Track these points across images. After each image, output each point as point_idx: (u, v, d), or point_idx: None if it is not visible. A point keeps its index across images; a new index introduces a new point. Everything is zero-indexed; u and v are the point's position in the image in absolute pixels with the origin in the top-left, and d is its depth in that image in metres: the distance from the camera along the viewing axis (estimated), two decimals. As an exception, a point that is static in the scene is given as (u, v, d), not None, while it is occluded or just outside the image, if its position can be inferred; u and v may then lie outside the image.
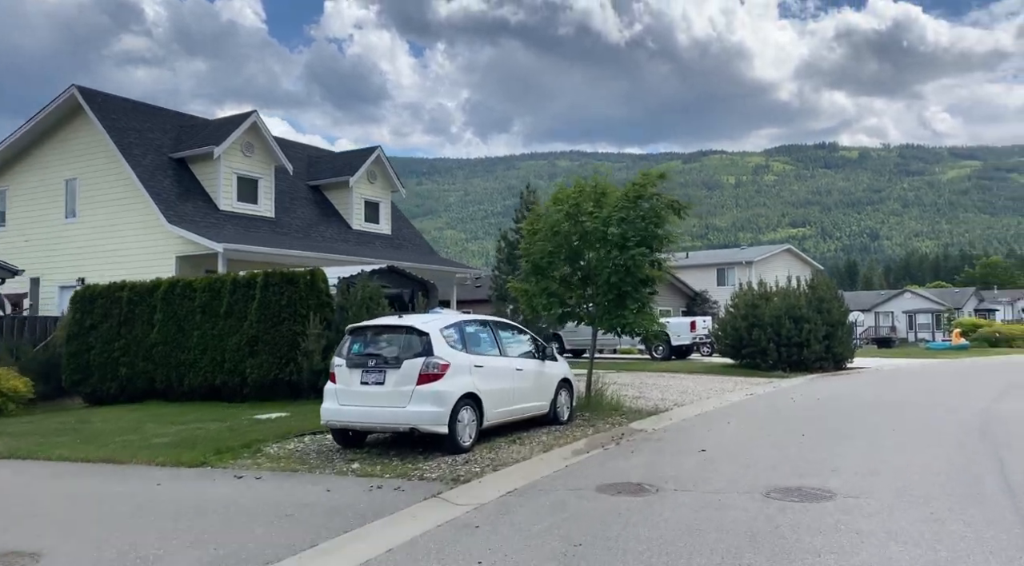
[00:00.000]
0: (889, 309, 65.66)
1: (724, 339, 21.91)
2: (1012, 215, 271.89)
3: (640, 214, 11.86)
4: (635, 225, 11.72)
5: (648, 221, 11.82)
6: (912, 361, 26.97)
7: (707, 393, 15.54)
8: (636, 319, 11.81)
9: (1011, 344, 39.93)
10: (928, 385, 17.31)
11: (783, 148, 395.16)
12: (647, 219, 11.82)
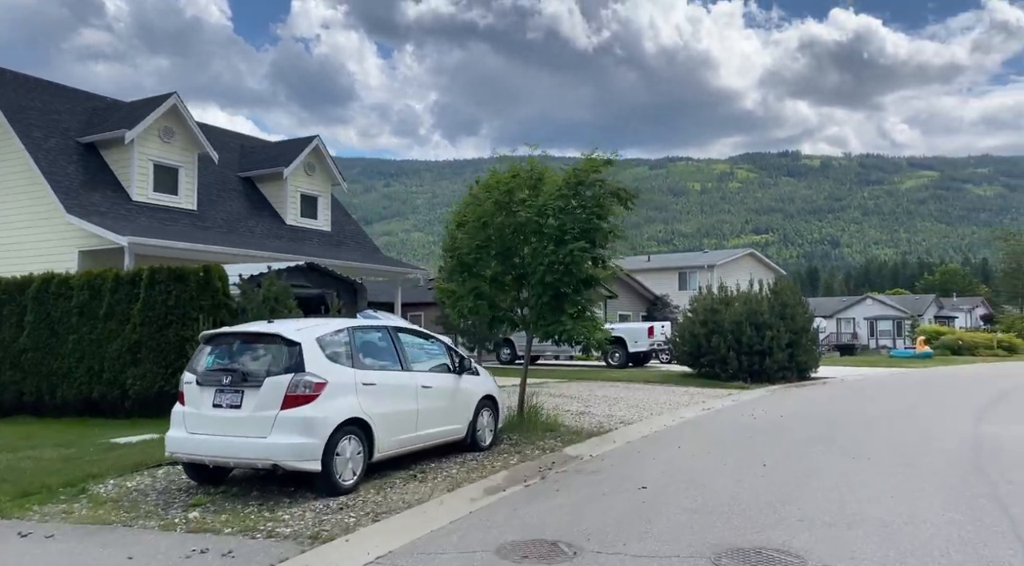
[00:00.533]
0: (851, 315, 65.17)
1: (682, 346, 20.40)
2: (967, 224, 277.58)
3: (581, 204, 10.21)
4: (575, 216, 10.06)
5: (590, 212, 10.16)
6: (878, 370, 25.78)
7: (660, 407, 13.94)
8: (575, 325, 10.13)
9: (974, 352, 39.22)
10: (900, 400, 15.93)
11: (747, 156, 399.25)
12: (589, 209, 10.17)
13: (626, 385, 18.47)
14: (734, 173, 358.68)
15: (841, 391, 17.88)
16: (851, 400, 15.77)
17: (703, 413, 13.45)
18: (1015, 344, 42.33)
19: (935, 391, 17.76)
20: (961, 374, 24.56)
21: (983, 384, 19.78)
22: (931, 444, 9.57)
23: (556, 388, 17.19)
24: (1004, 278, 69.11)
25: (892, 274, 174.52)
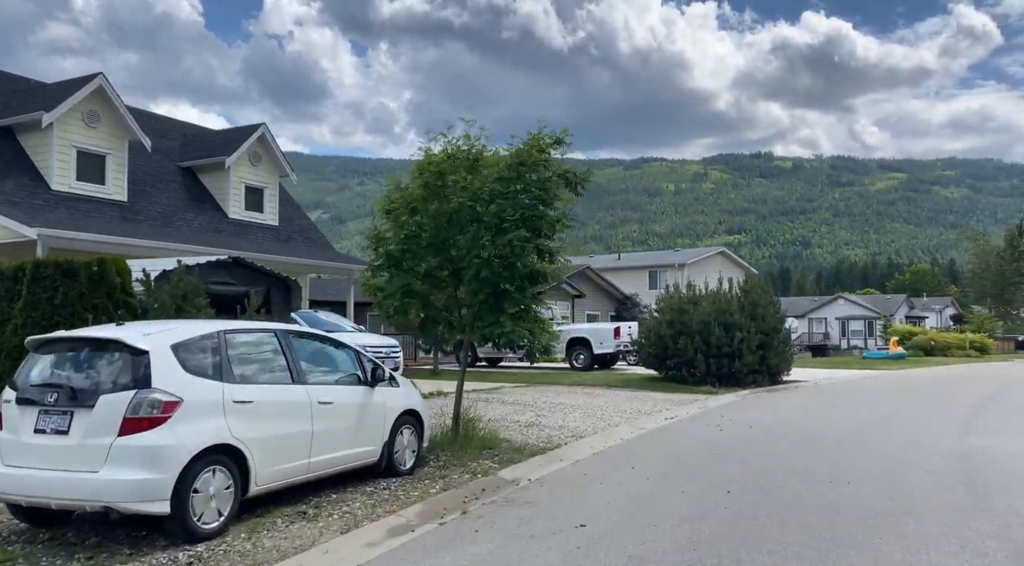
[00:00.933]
0: (822, 315, 64.73)
1: (648, 348, 19.19)
2: (935, 226, 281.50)
3: (524, 188, 8.89)
4: (516, 201, 8.74)
5: (534, 197, 8.85)
6: (851, 372, 24.82)
7: (620, 416, 12.68)
8: (515, 327, 8.77)
9: (946, 353, 38.62)
10: (877, 407, 14.84)
11: (721, 157, 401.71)
12: (532, 194, 8.85)
13: (587, 390, 17.22)
14: (708, 174, 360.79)
15: (814, 397, 16.78)
16: (825, 408, 14.65)
17: (666, 423, 12.21)
18: (986, 344, 41.85)
19: (913, 397, 16.73)
20: (937, 377, 23.67)
21: (962, 388, 18.84)
22: (917, 464, 8.39)
23: (511, 394, 15.88)
24: (973, 278, 69.15)
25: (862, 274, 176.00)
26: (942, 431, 10.96)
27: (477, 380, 19.79)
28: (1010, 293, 64.86)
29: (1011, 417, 12.91)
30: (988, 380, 22.18)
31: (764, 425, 11.84)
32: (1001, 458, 8.68)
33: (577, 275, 32.48)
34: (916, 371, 26.76)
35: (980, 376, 24.24)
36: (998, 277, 64.33)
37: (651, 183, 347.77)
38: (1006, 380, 22.26)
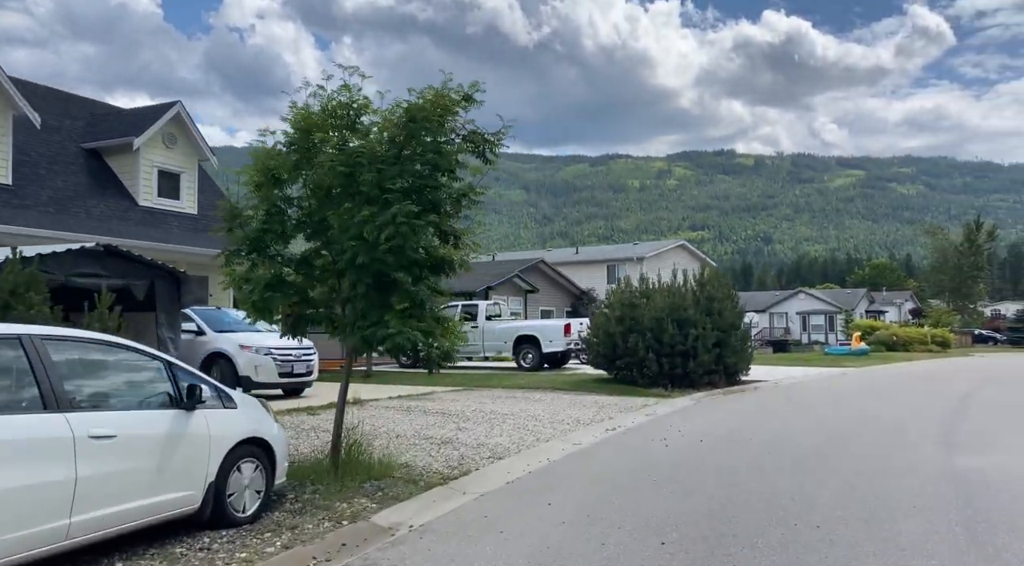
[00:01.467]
0: (783, 310, 63.99)
1: (596, 346, 17.49)
2: (892, 222, 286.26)
3: (417, 151, 7.04)
4: (405, 168, 6.90)
5: (428, 163, 7.01)
6: (814, 371, 23.41)
7: (555, 428, 10.92)
8: (404, 328, 6.89)
9: (908, 348, 37.71)
10: (844, 413, 13.29)
11: (684, 154, 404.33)
12: (427, 159, 7.01)
13: (528, 394, 15.45)
14: (672, 171, 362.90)
15: (775, 400, 15.22)
16: (787, 414, 13.06)
17: (605, 436, 10.47)
18: (948, 339, 41.12)
19: (883, 399, 15.25)
20: (905, 375, 22.39)
21: (933, 387, 17.47)
22: (901, 494, 6.74)
23: (439, 401, 14.05)
24: (932, 272, 69.06)
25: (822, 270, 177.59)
26: (923, 443, 9.38)
27: (410, 383, 17.95)
28: (967, 287, 64.83)
29: (995, 424, 11.44)
30: (957, 377, 20.96)
31: (717, 437, 10.17)
32: (998, 484, 7.09)
33: (530, 269, 30.75)
34: (881, 368, 25.52)
35: (948, 373, 23.06)
36: (956, 271, 64.23)
37: (616, 180, 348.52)
38: (975, 377, 21.05)
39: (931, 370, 24.58)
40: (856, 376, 21.49)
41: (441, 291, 7.80)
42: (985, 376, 21.35)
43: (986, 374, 22.44)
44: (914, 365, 27.44)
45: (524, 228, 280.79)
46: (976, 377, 21.09)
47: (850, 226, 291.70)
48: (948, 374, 22.34)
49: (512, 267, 29.60)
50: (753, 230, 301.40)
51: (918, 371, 23.98)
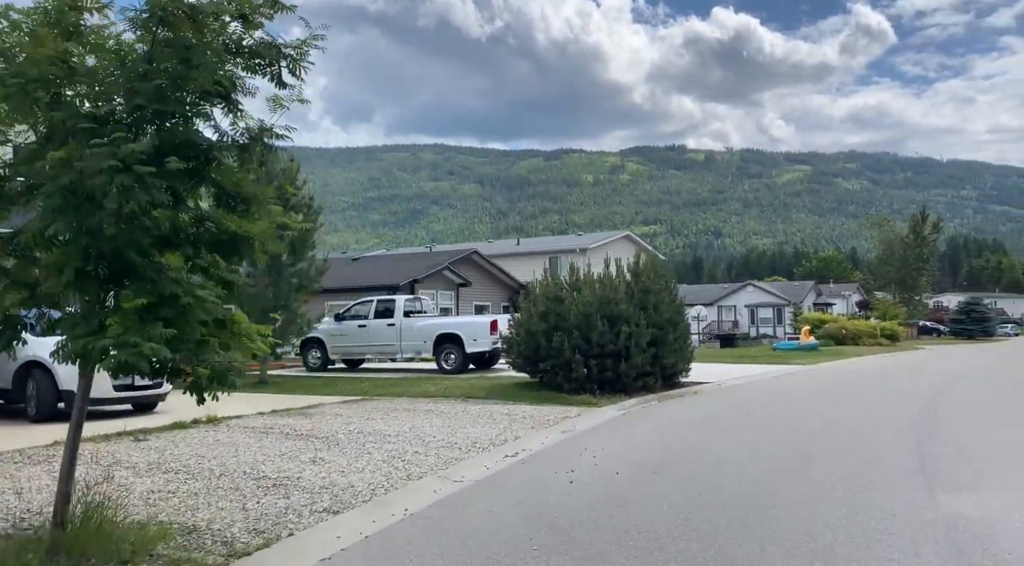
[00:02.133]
0: (732, 303, 62.82)
1: (518, 346, 15.17)
2: (837, 216, 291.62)
3: (164, 57, 4.53)
4: (135, 84, 4.40)
5: (179, 74, 4.51)
6: (761, 369, 21.47)
7: (436, 457, 8.54)
8: (134, 335, 4.39)
9: (857, 341, 36.41)
10: (795, 429, 11.19)
11: (637, 149, 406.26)
12: (176, 73, 4.50)
13: (433, 406, 13.07)
14: (625, 166, 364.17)
15: (715, 409, 13.06)
16: (728, 428, 10.89)
17: (499, 467, 8.13)
18: (897, 332, 40.04)
19: (839, 406, 13.19)
20: (858, 373, 20.61)
21: (891, 387, 15.60)
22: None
23: (317, 418, 11.59)
24: (878, 264, 68.67)
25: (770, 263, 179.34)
26: (896, 475, 7.26)
27: (304, 393, 15.42)
28: (912, 279, 64.53)
29: (975, 443, 9.43)
30: (914, 375, 19.26)
31: (639, 467, 7.91)
32: (1001, 541, 4.94)
33: (463, 261, 28.33)
34: (833, 366, 23.79)
35: (903, 370, 21.41)
36: (901, 263, 63.85)
37: (570, 174, 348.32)
38: (933, 374, 19.37)
39: (886, 367, 22.96)
40: (807, 376, 19.63)
41: (228, 281, 5.31)
42: (944, 373, 19.70)
43: (943, 370, 20.84)
44: (867, 361, 25.87)
45: (479, 223, 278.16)
46: (934, 375, 19.43)
47: (797, 220, 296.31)
48: (905, 371, 20.68)
49: (443, 259, 27.13)
50: (704, 224, 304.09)
51: (873, 368, 22.30)
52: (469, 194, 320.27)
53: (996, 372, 20.46)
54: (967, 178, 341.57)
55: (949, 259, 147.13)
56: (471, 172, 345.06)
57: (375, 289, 24.85)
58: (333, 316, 20.89)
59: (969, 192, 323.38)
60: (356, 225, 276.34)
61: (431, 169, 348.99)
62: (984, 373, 19.41)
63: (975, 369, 20.85)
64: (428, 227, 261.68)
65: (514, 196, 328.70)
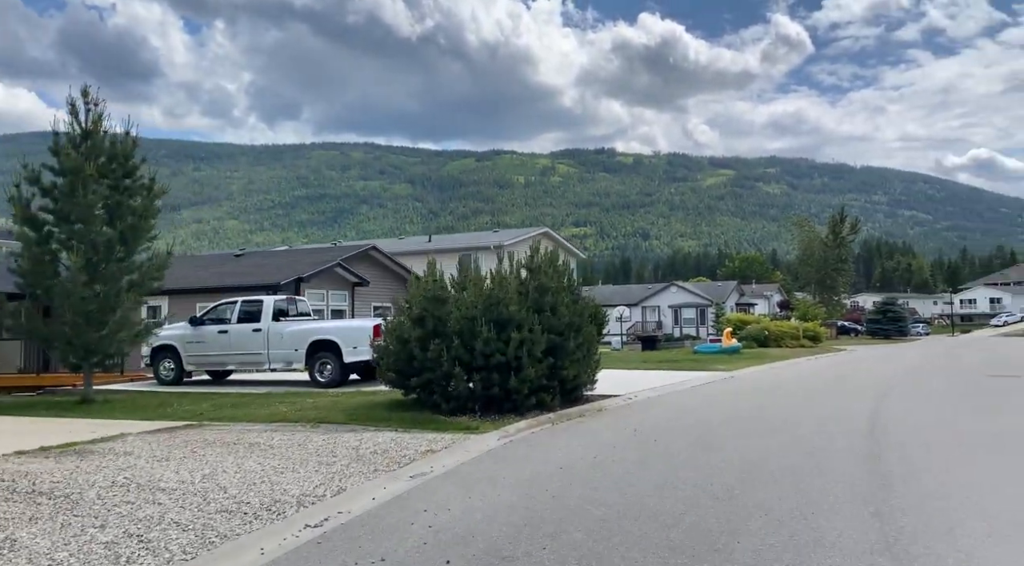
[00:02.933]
0: (656, 303, 61.50)
1: (388, 357, 12.41)
2: (759, 219, 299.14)
3: None
4: None
5: None
6: (679, 377, 19.22)
7: (197, 535, 5.73)
8: None
9: (780, 343, 35.07)
10: (718, 459, 8.79)
11: (567, 151, 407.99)
12: None
13: (265, 436, 10.20)
14: (556, 167, 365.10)
15: (621, 434, 10.54)
16: (630, 468, 8.38)
17: (273, 557, 5.39)
18: (819, 334, 39.00)
19: (762, 438, 10.82)
20: (782, 383, 18.62)
21: (824, 407, 13.46)
22: None
23: (94, 459, 8.60)
24: (799, 264, 68.67)
25: (695, 264, 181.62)
26: (845, 546, 4.86)
27: (123, 415, 12.32)
28: (832, 279, 64.61)
29: (949, 502, 7.19)
30: (848, 383, 17.40)
31: (485, 551, 5.30)
32: None
33: (359, 257, 25.35)
34: (755, 372, 21.85)
35: (830, 378, 19.60)
36: (821, 263, 63.83)
37: (502, 175, 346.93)
38: (864, 383, 17.54)
39: (812, 373, 21.18)
40: (728, 386, 17.51)
41: None
42: (875, 381, 17.91)
43: (874, 378, 19.11)
44: (791, 366, 24.16)
45: (410, 223, 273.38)
46: (868, 383, 17.62)
47: (721, 223, 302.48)
48: (832, 380, 18.86)
49: (336, 254, 24.07)
50: (632, 226, 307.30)
51: (798, 375, 20.46)
52: (400, 194, 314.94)
53: (928, 380, 18.88)
54: (878, 184, 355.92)
55: (863, 261, 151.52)
56: (402, 172, 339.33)
57: (255, 289, 21.63)
58: (188, 320, 17.64)
59: (880, 197, 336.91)
60: (283, 224, 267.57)
61: (361, 168, 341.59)
62: (915, 383, 17.75)
63: (906, 376, 19.20)
64: (358, 227, 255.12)
65: (446, 196, 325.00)
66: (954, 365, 23.48)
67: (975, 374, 19.27)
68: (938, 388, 15.51)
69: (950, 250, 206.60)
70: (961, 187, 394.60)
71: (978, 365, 22.97)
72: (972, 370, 20.99)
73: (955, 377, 18.67)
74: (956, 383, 16.76)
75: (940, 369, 21.73)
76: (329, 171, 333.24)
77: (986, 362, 25.22)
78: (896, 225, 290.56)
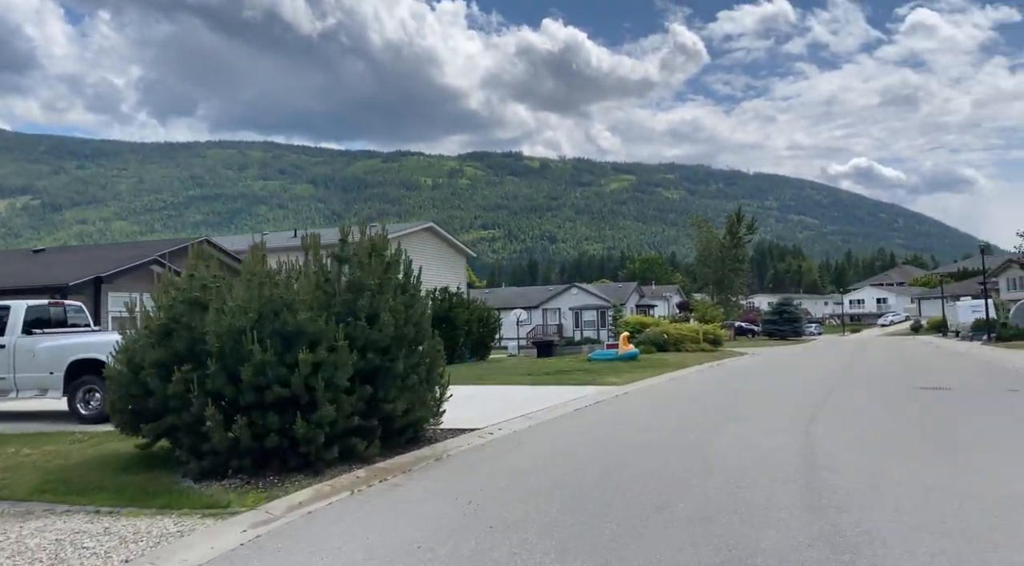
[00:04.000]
0: (557, 306, 58.71)
1: (117, 390, 8.31)
2: (659, 223, 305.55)
3: None
4: None
5: None
6: (564, 396, 15.72)
7: None
8: None
9: (680, 347, 32.55)
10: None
11: (475, 154, 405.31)
12: None
13: None
14: (463, 170, 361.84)
15: (440, 518, 6.80)
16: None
17: None
18: (720, 336, 36.84)
19: (661, 509, 7.38)
20: (687, 400, 15.48)
21: (743, 440, 10.23)
22: None
23: None
24: (697, 265, 67.63)
25: (599, 267, 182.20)
26: None
27: None
28: (729, 280, 63.74)
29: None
30: (761, 401, 14.41)
31: None
32: None
33: (181, 252, 20.63)
34: (653, 386, 18.73)
35: (741, 391, 16.68)
36: (719, 264, 62.82)
37: (409, 177, 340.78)
38: (782, 399, 14.62)
39: (717, 385, 18.24)
40: (620, 407, 14.16)
41: None
42: (790, 397, 15.02)
43: (788, 392, 16.29)
44: (693, 375, 21.24)
45: (312, 224, 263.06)
46: (782, 399, 14.69)
47: (624, 227, 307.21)
48: (741, 395, 15.90)
49: (152, 250, 19.38)
50: (540, 229, 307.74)
51: (701, 390, 17.45)
52: (301, 195, 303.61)
53: (853, 395, 16.26)
54: (769, 190, 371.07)
55: (756, 263, 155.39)
56: (304, 172, 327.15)
57: (42, 291, 16.82)
58: (-101, 334, 12.80)
59: (772, 202, 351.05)
60: (175, 225, 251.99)
61: (260, 167, 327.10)
62: (841, 401, 15.00)
63: (827, 390, 16.49)
64: (256, 228, 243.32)
65: (350, 197, 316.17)
66: (873, 372, 21.19)
67: (902, 385, 16.77)
68: (870, 409, 12.68)
69: (835, 253, 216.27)
70: (844, 193, 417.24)
71: (897, 372, 20.75)
72: (895, 379, 18.59)
73: (882, 390, 16.07)
74: (889, 400, 14.03)
75: (860, 379, 19.25)
76: (226, 170, 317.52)
77: (902, 367, 23.21)
78: (787, 229, 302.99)
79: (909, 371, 21.28)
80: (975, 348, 35.22)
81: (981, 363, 24.13)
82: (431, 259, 33.87)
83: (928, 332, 66.11)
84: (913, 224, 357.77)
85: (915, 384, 16.64)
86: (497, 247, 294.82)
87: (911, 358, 27.64)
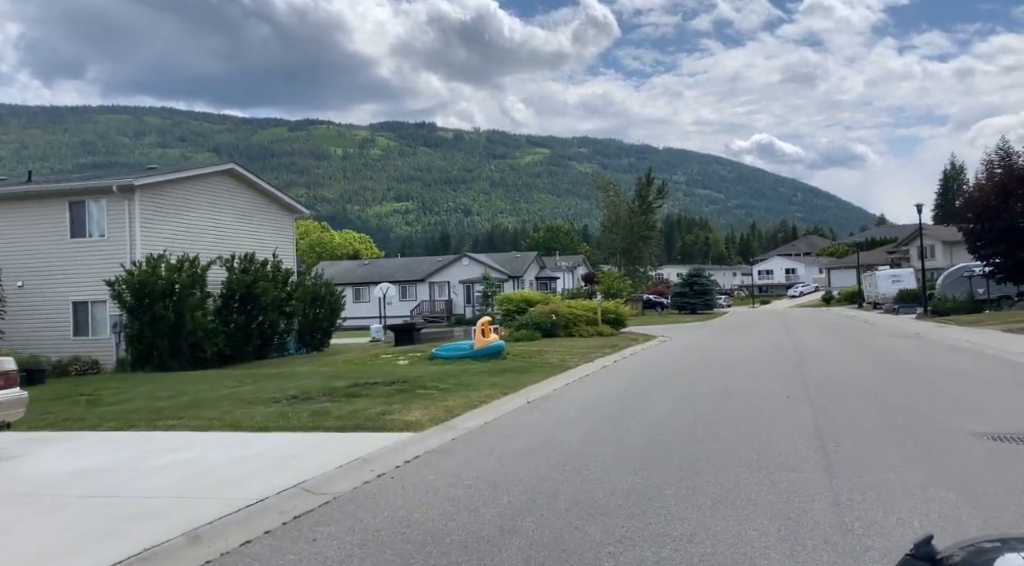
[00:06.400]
0: (445, 279, 50.36)
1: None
2: (572, 197, 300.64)
3: None
4: None
5: None
6: (335, 456, 7.48)
7: None
8: None
9: (572, 331, 24.99)
10: None
11: (387, 124, 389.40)
12: None
13: None
14: (375, 140, 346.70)
15: None
16: None
17: None
18: (621, 314, 29.43)
19: None
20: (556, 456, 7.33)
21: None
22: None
23: None
24: (604, 232, 60.70)
25: (513, 239, 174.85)
26: None
27: None
28: (638, 249, 57.03)
29: None
30: (680, 462, 6.34)
31: None
32: None
33: None
34: (506, 418, 10.58)
35: (644, 424, 8.54)
36: (627, 231, 55.95)
37: (318, 146, 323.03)
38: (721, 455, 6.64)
39: (608, 417, 10.01)
40: (425, 497, 6.04)
41: None
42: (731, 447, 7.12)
43: (725, 430, 8.31)
44: (576, 387, 12.99)
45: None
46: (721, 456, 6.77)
47: (538, 200, 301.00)
48: (644, 444, 7.88)
49: None
50: (455, 202, 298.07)
51: (580, 431, 9.29)
52: (203, 163, 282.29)
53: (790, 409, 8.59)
54: (678, 164, 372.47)
55: (666, 236, 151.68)
56: (206, 140, 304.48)
57: None
58: None
59: (680, 177, 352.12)
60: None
61: (158, 134, 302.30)
62: (766, 416, 7.08)
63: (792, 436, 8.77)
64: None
65: (256, 167, 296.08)
66: (849, 385, 13.46)
67: (949, 434, 9.21)
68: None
69: (740, 226, 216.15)
70: (747, 168, 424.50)
71: (886, 385, 12.85)
72: (912, 412, 10.90)
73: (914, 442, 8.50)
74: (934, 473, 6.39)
75: (849, 411, 11.49)
76: (120, 137, 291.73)
77: (875, 367, 16.06)
78: (693, 203, 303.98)
79: (896, 378, 13.98)
80: (917, 325, 29.16)
81: (973, 354, 17.32)
82: (239, 215, 24.86)
83: (841, 303, 61.56)
84: (811, 198, 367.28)
85: (966, 427, 8.80)
86: (411, 219, 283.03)
87: (865, 346, 20.75)
